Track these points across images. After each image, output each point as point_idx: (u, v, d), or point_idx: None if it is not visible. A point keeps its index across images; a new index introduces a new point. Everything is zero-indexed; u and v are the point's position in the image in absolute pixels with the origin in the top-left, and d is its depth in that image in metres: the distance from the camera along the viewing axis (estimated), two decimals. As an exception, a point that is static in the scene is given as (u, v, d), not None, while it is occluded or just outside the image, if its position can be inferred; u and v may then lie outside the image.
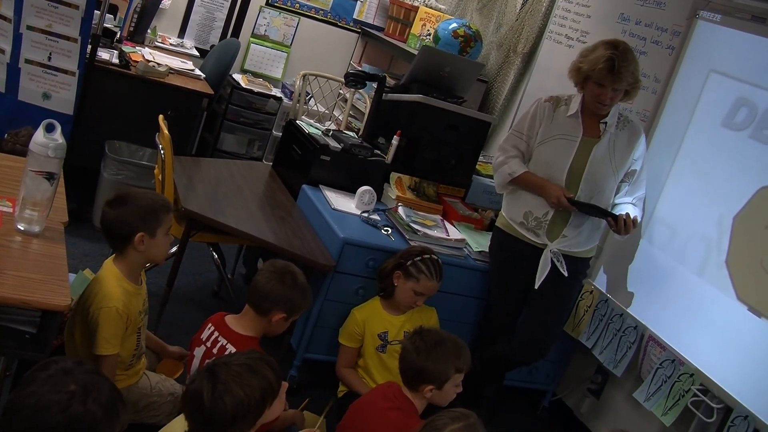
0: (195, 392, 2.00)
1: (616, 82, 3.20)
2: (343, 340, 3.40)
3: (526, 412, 4.17)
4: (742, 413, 3.08)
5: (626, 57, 3.19)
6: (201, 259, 4.51)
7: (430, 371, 2.64)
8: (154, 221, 2.50)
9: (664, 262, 3.59)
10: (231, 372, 2.03)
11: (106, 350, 2.40)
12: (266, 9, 6.04)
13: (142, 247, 2.47)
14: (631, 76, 3.22)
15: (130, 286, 2.49)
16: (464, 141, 4.20)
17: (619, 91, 3.25)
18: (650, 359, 3.53)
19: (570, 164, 3.35)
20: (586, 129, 3.37)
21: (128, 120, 4.70)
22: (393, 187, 4.02)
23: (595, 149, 3.35)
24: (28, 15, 3.77)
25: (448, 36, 4.92)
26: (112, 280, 2.45)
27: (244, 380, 2.02)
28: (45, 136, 2.34)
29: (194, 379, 2.04)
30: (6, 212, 2.47)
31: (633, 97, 3.35)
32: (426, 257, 3.34)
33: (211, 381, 2.00)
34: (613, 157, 3.36)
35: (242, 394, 2.00)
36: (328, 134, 4.13)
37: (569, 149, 3.36)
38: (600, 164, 3.35)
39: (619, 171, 3.40)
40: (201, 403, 1.97)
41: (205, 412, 1.97)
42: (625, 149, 3.39)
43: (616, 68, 3.17)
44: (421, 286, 3.30)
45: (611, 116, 3.37)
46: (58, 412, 1.60)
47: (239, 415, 2.00)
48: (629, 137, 3.40)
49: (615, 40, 3.31)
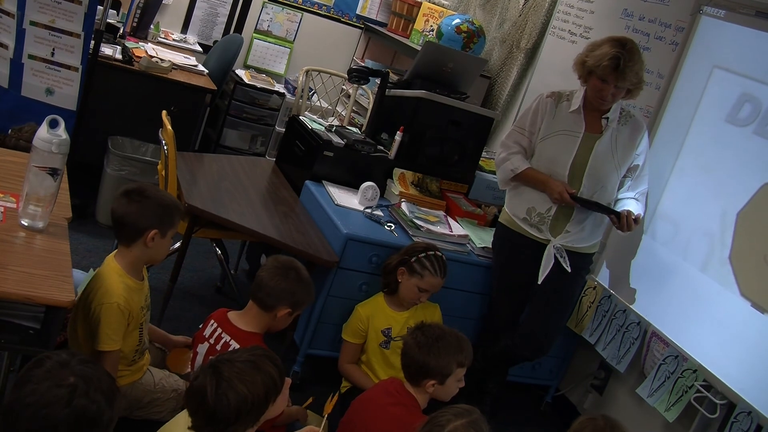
0: (198, 389, 2.00)
1: (619, 80, 3.20)
2: (346, 336, 3.40)
3: (529, 407, 4.17)
4: (745, 409, 3.08)
5: (632, 56, 3.19)
6: (204, 255, 4.52)
7: (432, 366, 2.64)
8: (170, 222, 2.51)
9: (668, 257, 3.59)
10: (234, 369, 2.03)
11: (108, 346, 2.40)
12: (269, 4, 6.04)
13: (151, 244, 2.47)
14: (635, 76, 3.22)
15: (132, 281, 2.49)
16: (467, 137, 4.20)
17: (621, 89, 3.25)
18: (653, 355, 3.53)
19: (572, 160, 3.35)
20: (588, 124, 3.37)
21: (131, 116, 4.70)
22: (396, 183, 4.02)
23: (598, 144, 3.34)
24: (31, 10, 3.77)
25: (451, 32, 4.91)
26: (114, 276, 2.45)
27: (248, 377, 2.03)
28: (49, 132, 2.34)
29: (198, 375, 2.04)
30: (10, 208, 2.47)
31: (635, 96, 3.34)
32: (430, 254, 3.34)
33: (215, 378, 2.00)
34: (615, 152, 3.36)
35: (246, 391, 2.00)
36: (331, 130, 4.13)
37: (571, 145, 3.35)
38: (602, 159, 3.35)
39: (621, 166, 3.39)
40: (205, 400, 1.98)
41: (208, 408, 1.97)
42: (628, 144, 3.38)
43: (620, 67, 3.17)
44: (425, 282, 3.30)
45: (613, 111, 3.36)
46: (63, 406, 1.60)
47: (243, 411, 2.00)
48: (631, 132, 3.39)
49: (623, 37, 3.30)
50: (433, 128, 4.12)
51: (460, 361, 2.69)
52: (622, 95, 3.29)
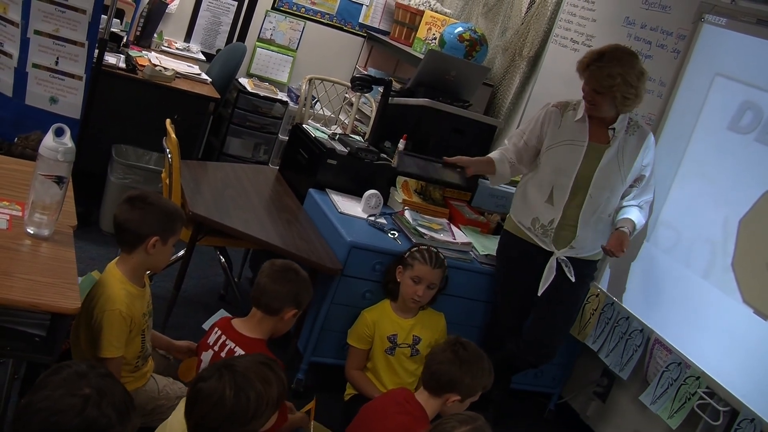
0: (213, 390, 1.97)
1: (590, 80, 3.23)
2: (352, 342, 3.41)
3: (533, 415, 4.17)
4: (748, 416, 3.08)
5: (608, 59, 3.20)
6: (208, 263, 4.53)
7: (466, 384, 2.65)
8: (171, 229, 2.53)
9: (670, 265, 3.59)
10: (249, 367, 2.03)
11: (110, 353, 2.40)
12: (272, 13, 6.06)
13: (152, 251, 2.48)
14: (607, 79, 3.19)
15: (134, 288, 2.50)
16: (470, 145, 4.21)
17: (601, 94, 3.24)
18: (656, 362, 3.53)
19: (578, 170, 3.35)
20: (594, 134, 3.37)
21: (135, 124, 4.72)
22: (399, 191, 4.03)
23: (605, 155, 3.35)
24: (36, 19, 3.79)
25: (453, 40, 4.92)
26: (116, 283, 2.46)
27: (263, 375, 2.04)
28: (54, 140, 2.35)
29: (205, 378, 2.01)
30: (15, 216, 2.48)
31: (629, 106, 3.30)
32: (422, 247, 3.40)
33: (231, 375, 1.98)
34: (621, 162, 3.37)
35: (262, 389, 2.00)
36: (334, 138, 4.14)
37: (576, 154, 3.36)
38: (608, 170, 3.35)
39: (627, 177, 3.40)
40: (222, 401, 1.95)
41: (224, 410, 1.95)
42: (634, 154, 3.39)
43: (590, 66, 3.21)
44: (416, 271, 3.31)
45: (620, 122, 3.36)
46: (74, 415, 1.60)
47: (259, 411, 1.99)
48: (638, 142, 3.40)
49: (617, 45, 3.33)
50: (436, 136, 4.14)
51: (485, 385, 2.72)
52: (607, 102, 3.27)
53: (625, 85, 3.22)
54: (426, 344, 3.37)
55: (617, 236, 3.33)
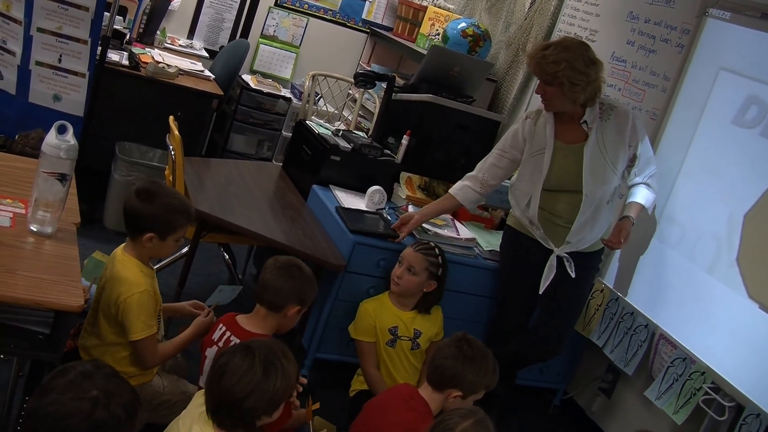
0: (237, 367, 2.02)
1: (536, 70, 3.22)
2: (358, 336, 3.36)
3: (538, 410, 4.17)
4: (754, 411, 3.07)
5: (554, 47, 3.16)
6: (212, 260, 4.53)
7: (468, 380, 2.65)
8: (169, 227, 2.56)
9: (675, 260, 3.58)
10: (270, 349, 2.08)
11: (144, 333, 2.49)
12: (275, 9, 6.05)
13: (149, 245, 2.54)
14: (551, 65, 3.13)
15: (147, 269, 2.58)
16: (474, 140, 4.20)
17: (550, 85, 3.19)
18: (661, 357, 3.53)
19: (545, 175, 3.31)
20: (569, 135, 3.32)
21: (138, 121, 4.72)
22: (403, 187, 4.03)
23: (586, 152, 3.28)
24: (39, 17, 3.79)
25: (457, 35, 4.91)
26: (132, 268, 2.52)
27: (286, 352, 2.10)
28: (57, 138, 2.36)
29: (228, 354, 2.07)
30: (19, 213, 2.49)
31: (578, 93, 3.17)
32: (423, 241, 3.44)
33: (259, 352, 2.05)
34: (605, 151, 3.29)
35: (289, 367, 2.08)
36: (337, 134, 4.14)
37: (540, 162, 3.33)
38: (595, 165, 3.29)
39: (616, 163, 3.30)
40: (249, 377, 2.00)
41: (255, 377, 2.00)
42: (616, 138, 3.30)
43: (535, 56, 3.20)
44: (402, 252, 3.36)
45: (589, 113, 3.28)
46: (83, 419, 1.60)
47: (281, 390, 2.05)
48: (617, 125, 3.31)
49: (567, 36, 3.41)
50: (439, 132, 4.13)
51: (488, 384, 2.72)
52: (558, 96, 3.20)
53: (571, 70, 3.12)
54: (426, 338, 3.37)
55: (618, 227, 3.30)
